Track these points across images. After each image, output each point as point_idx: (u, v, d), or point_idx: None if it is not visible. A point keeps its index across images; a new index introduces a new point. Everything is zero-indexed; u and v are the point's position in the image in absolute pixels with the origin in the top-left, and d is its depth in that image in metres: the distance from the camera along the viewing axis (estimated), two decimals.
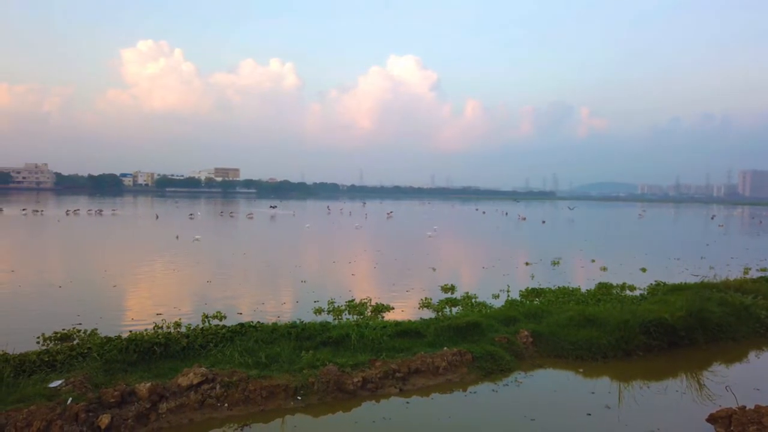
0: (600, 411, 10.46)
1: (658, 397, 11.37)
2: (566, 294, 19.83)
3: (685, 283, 20.90)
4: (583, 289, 21.04)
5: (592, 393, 11.40)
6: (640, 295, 20.21)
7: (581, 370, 12.66)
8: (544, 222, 78.94)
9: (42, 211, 76.55)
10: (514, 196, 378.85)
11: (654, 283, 22.85)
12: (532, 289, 21.32)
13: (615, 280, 23.69)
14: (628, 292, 21.33)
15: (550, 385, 11.90)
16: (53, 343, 13.44)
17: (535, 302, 18.42)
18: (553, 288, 21.44)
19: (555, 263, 30.89)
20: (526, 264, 30.78)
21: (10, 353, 10.97)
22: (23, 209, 78.21)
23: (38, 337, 13.84)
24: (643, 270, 28.80)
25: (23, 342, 13.14)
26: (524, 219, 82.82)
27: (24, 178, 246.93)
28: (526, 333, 13.89)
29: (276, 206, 76.59)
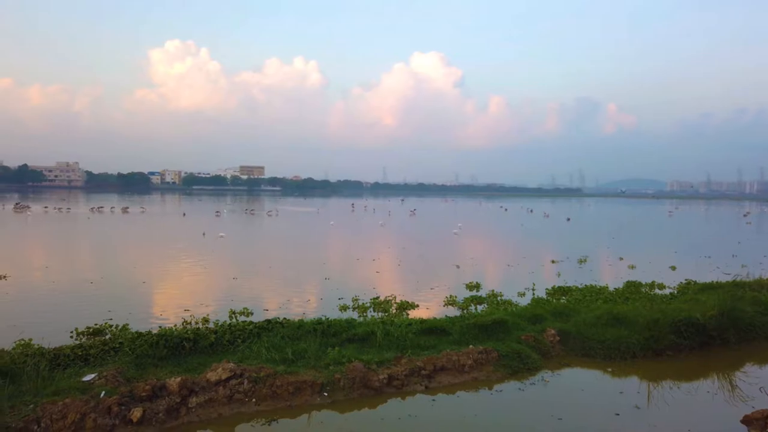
0: (629, 411, 10.31)
1: (689, 397, 11.17)
2: (594, 292, 19.58)
3: (717, 282, 20.46)
4: (611, 288, 20.73)
5: (621, 393, 11.24)
6: (670, 293, 19.86)
7: (609, 369, 12.49)
8: (568, 219, 77.91)
9: (69, 208, 78.45)
10: (539, 193, 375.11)
11: (684, 281, 22.41)
12: (559, 287, 21.10)
13: (644, 279, 23.29)
14: (657, 291, 20.97)
15: (578, 384, 11.77)
16: (86, 337, 13.77)
17: (562, 301, 18.25)
18: (580, 286, 21.18)
19: (581, 261, 30.51)
20: (552, 262, 30.47)
21: (46, 347, 11.29)
22: (45, 207, 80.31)
23: (72, 332, 14.19)
24: (673, 268, 28.26)
25: (58, 336, 13.50)
26: (568, 219, 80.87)
27: (56, 176, 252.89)
28: (552, 331, 13.76)
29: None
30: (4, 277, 22.48)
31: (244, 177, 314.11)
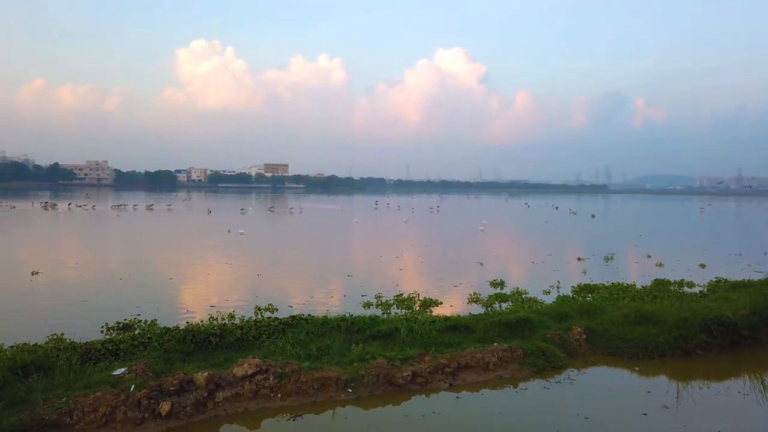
0: (657, 411, 10.15)
1: (719, 397, 10.95)
2: (620, 290, 19.28)
3: (749, 280, 20.00)
4: (639, 286, 20.40)
5: (649, 392, 11.07)
6: (700, 292, 19.47)
7: (637, 368, 12.31)
8: (593, 216, 76.83)
9: (94, 206, 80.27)
10: (564, 189, 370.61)
11: (714, 279, 21.92)
12: (585, 285, 20.85)
13: (672, 277, 22.86)
14: (686, 289, 20.57)
15: (604, 383, 11.62)
16: (116, 332, 14.06)
17: (588, 298, 18.04)
18: (606, 284, 20.89)
19: (608, 259, 30.08)
20: (578, 259, 30.11)
21: (77, 342, 11.57)
22: (69, 204, 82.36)
23: (102, 327, 14.52)
24: (702, 266, 27.68)
25: (88, 331, 13.83)
26: (576, 214, 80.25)
27: (86, 174, 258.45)
28: (578, 330, 13.61)
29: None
30: (37, 272, 23.08)
31: (269, 175, 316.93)
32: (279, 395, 10.18)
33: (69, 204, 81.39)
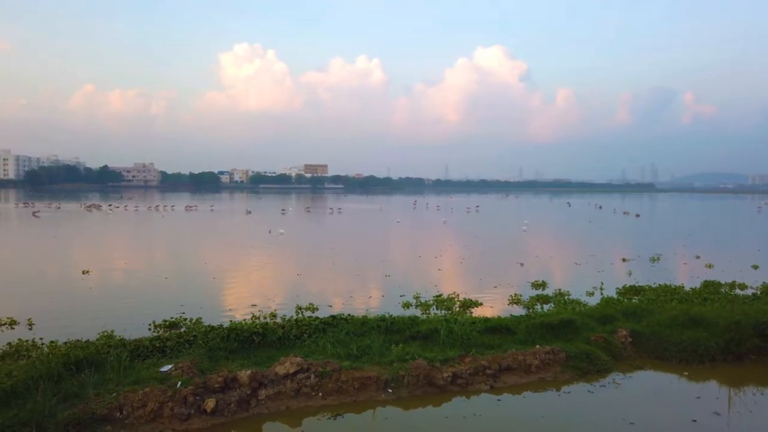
0: (707, 417, 9.80)
1: None
2: (668, 292, 18.71)
3: None
4: (687, 288, 19.75)
5: (698, 398, 10.71)
6: (753, 294, 18.71)
7: (686, 373, 11.92)
8: (637, 215, 74.66)
9: (137, 207, 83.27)
10: (608, 188, 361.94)
11: None
12: (630, 286, 20.32)
13: (723, 278, 22.03)
14: (738, 291, 19.80)
15: (651, 387, 11.29)
16: (162, 330, 14.47)
17: (634, 300, 17.57)
18: (653, 286, 20.31)
19: (654, 260, 29.21)
20: (623, 260, 29.35)
21: (127, 339, 11.97)
22: (109, 205, 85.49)
23: (149, 325, 14.97)
24: (755, 267, 26.57)
25: (137, 328, 14.29)
26: (628, 214, 77.35)
27: (133, 176, 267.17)
28: (624, 332, 13.26)
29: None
30: (87, 272, 23.96)
31: (308, 175, 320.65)
32: (320, 394, 10.28)
33: (109, 205, 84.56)
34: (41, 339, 13.10)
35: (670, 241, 41.69)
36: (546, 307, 17.46)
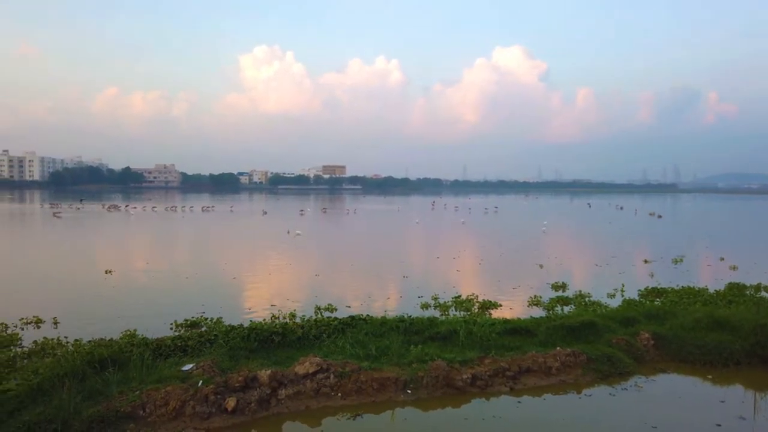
0: (732, 422, 9.62)
1: None
2: (691, 294, 18.43)
3: None
4: (711, 290, 19.43)
5: (723, 402, 10.52)
6: None
7: (710, 376, 11.72)
8: (660, 216, 73.57)
9: (155, 207, 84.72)
10: (629, 188, 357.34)
11: None
12: (653, 288, 20.05)
13: (748, 281, 21.62)
14: (764, 294, 19.40)
15: (674, 391, 11.12)
16: (184, 329, 14.65)
17: (656, 303, 17.33)
18: (676, 288, 20.01)
19: (677, 261, 28.78)
20: (645, 262, 28.96)
21: (149, 338, 12.14)
22: (126, 205, 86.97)
23: (171, 324, 15.16)
24: None
25: (159, 327, 14.50)
26: (654, 215, 75.79)
27: (155, 178, 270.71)
28: (646, 335, 13.09)
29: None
30: (110, 271, 24.33)
31: (326, 176, 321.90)
32: (339, 394, 10.31)
33: (126, 206, 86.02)
34: (66, 337, 13.37)
35: (693, 242, 41.04)
36: (566, 308, 17.30)
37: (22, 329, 14.93)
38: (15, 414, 8.58)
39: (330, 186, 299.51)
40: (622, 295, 19.49)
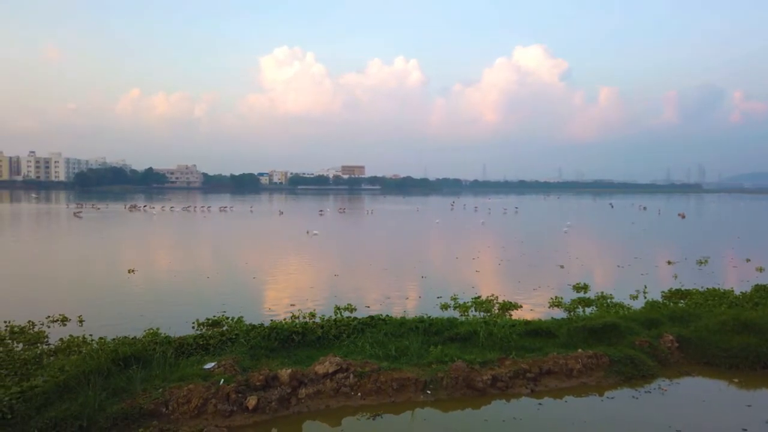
0: (759, 426, 9.43)
1: None
2: (717, 296, 18.09)
3: None
4: (737, 292, 19.06)
5: (749, 406, 10.31)
6: None
7: (736, 380, 11.49)
8: (684, 216, 72.29)
9: (172, 207, 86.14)
10: (652, 189, 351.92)
11: None
12: (676, 290, 19.73)
13: None
14: None
15: (699, 394, 10.93)
16: (205, 328, 14.82)
17: (680, 304, 17.05)
18: (700, 289, 19.67)
19: (701, 262, 28.28)
20: (668, 263, 28.51)
21: (172, 336, 12.30)
22: (144, 206, 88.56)
23: (193, 323, 15.34)
24: None
25: (181, 326, 14.68)
26: (683, 216, 74.08)
27: (176, 178, 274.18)
28: (670, 337, 12.88)
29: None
30: (133, 271, 24.71)
31: (346, 176, 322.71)
32: (359, 394, 10.33)
33: (144, 206, 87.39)
34: (91, 335, 13.61)
35: (718, 243, 40.30)
36: (588, 310, 17.11)
37: (49, 327, 15.25)
38: (42, 410, 8.76)
39: (349, 186, 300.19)
40: (645, 297, 19.21)
